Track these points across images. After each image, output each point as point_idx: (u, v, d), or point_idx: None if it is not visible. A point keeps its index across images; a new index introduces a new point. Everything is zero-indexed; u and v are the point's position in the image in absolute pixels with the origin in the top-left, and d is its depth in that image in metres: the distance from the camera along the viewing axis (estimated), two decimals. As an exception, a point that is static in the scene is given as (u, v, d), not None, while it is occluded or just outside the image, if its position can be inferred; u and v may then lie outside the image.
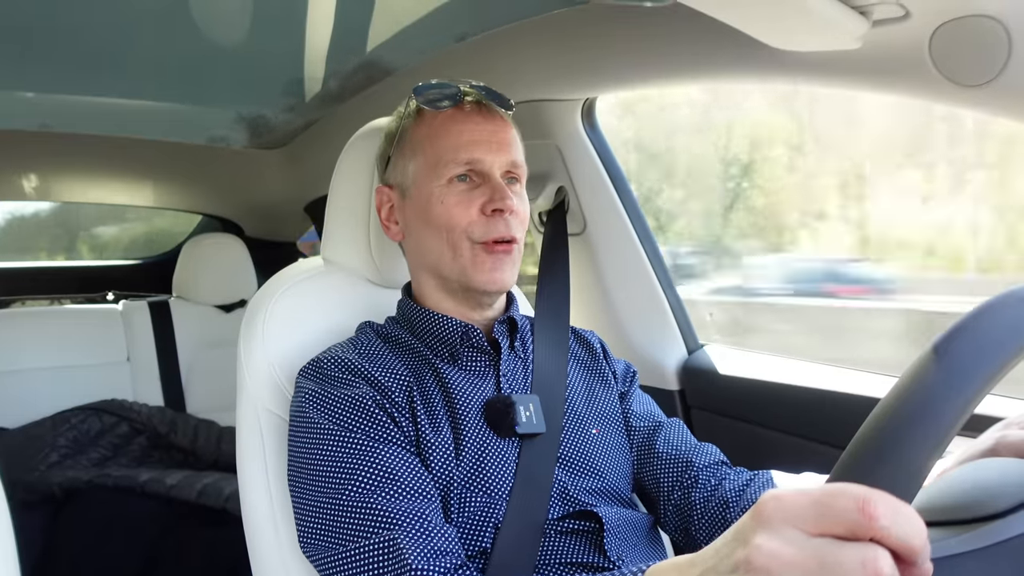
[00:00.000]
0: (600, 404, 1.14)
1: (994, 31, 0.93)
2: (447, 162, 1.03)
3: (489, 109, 1.08)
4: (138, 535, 1.94)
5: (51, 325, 2.51)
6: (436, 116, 1.06)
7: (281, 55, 2.07)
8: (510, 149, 1.06)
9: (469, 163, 1.03)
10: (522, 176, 1.10)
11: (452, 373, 1.02)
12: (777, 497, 0.47)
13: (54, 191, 2.91)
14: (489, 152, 1.04)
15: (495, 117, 1.07)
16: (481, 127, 1.05)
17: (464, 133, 1.04)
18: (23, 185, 2.85)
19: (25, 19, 1.73)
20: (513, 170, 1.07)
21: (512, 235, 1.03)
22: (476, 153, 1.03)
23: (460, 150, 1.03)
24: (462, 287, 1.05)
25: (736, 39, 1.10)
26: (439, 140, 1.05)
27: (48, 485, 2.02)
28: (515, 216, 1.04)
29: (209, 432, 2.39)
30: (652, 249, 1.79)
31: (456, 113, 1.06)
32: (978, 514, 0.59)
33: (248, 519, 1.09)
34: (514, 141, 1.08)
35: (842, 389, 1.41)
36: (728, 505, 1.04)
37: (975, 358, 0.53)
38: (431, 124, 1.06)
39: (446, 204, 1.03)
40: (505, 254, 1.03)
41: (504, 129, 1.07)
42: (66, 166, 2.79)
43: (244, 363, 1.10)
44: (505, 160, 1.05)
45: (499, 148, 1.05)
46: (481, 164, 1.04)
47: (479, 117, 1.06)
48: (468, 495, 0.94)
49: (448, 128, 1.05)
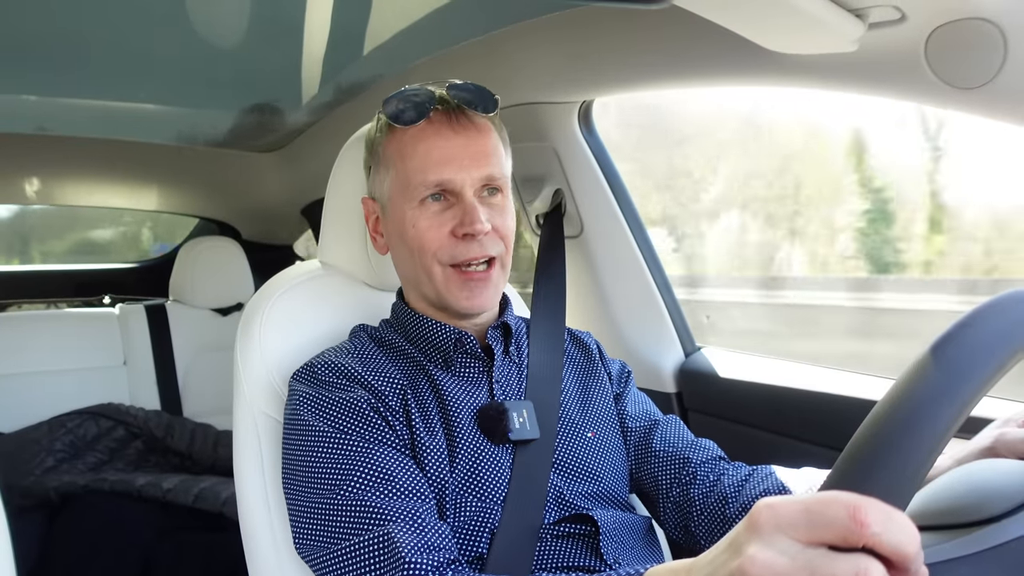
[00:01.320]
0: (595, 407, 1.14)
1: (990, 34, 0.93)
2: (416, 184, 1.00)
3: (462, 119, 1.01)
4: (134, 539, 1.94)
5: (47, 329, 2.51)
6: (406, 131, 1.01)
7: (278, 58, 2.07)
8: (486, 162, 1.01)
9: (439, 184, 0.99)
10: (504, 185, 1.04)
11: (445, 379, 1.02)
12: (770, 505, 0.47)
13: (51, 194, 2.91)
14: (460, 170, 0.99)
15: (468, 128, 1.01)
16: (451, 142, 1.00)
17: (433, 151, 0.99)
18: (20, 188, 2.85)
19: (23, 22, 1.73)
20: (490, 183, 1.02)
21: (486, 254, 1.00)
22: (446, 173, 0.99)
23: (428, 171, 0.99)
24: (442, 307, 1.04)
25: (733, 42, 1.10)
26: (407, 160, 1.01)
27: (44, 490, 2.01)
28: (492, 235, 1.01)
29: (206, 436, 2.39)
30: (649, 252, 1.79)
31: (425, 128, 1.00)
32: (973, 518, 0.59)
33: (245, 523, 1.09)
34: (492, 152, 1.02)
35: (840, 392, 1.41)
36: (727, 501, 1.03)
37: (973, 359, 0.53)
38: (400, 140, 1.02)
39: (418, 228, 1.00)
40: (481, 280, 1.01)
41: (477, 140, 1.01)
42: (63, 169, 2.79)
43: (241, 367, 1.10)
44: (479, 176, 1.00)
45: (471, 163, 0.99)
46: (452, 184, 0.99)
47: (449, 131, 1.00)
48: (463, 499, 0.94)
49: (415, 147, 1.00)
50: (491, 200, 1.02)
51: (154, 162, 2.79)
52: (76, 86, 2.21)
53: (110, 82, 2.19)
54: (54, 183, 2.85)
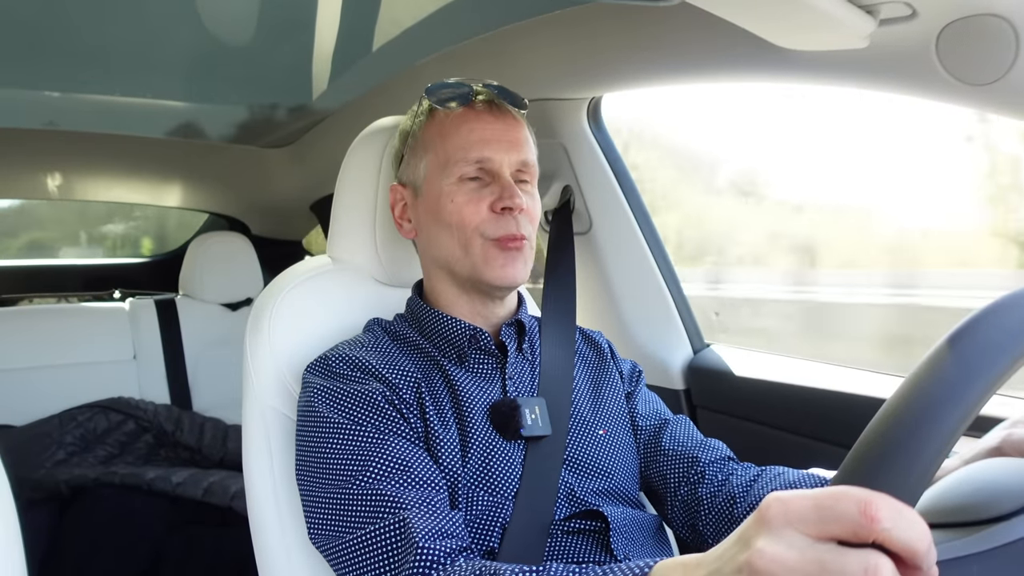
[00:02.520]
0: (607, 404, 1.14)
1: (1001, 30, 0.93)
2: (457, 161, 1.04)
3: (500, 108, 1.08)
4: (144, 533, 1.95)
5: (58, 323, 2.52)
6: (448, 115, 1.07)
7: (288, 53, 2.07)
8: (521, 148, 1.06)
9: (479, 161, 1.04)
10: (533, 176, 1.09)
11: (459, 374, 1.03)
12: (780, 500, 0.47)
13: (60, 189, 2.91)
14: (499, 151, 1.04)
15: (507, 116, 1.07)
16: (492, 126, 1.05)
17: (475, 132, 1.04)
18: (29, 183, 2.86)
19: (32, 17, 1.74)
20: (523, 169, 1.07)
21: (522, 233, 1.04)
22: (486, 152, 1.04)
23: (470, 149, 1.04)
24: (473, 283, 1.06)
25: (743, 39, 1.10)
26: (450, 139, 1.05)
27: (55, 483, 2.02)
28: (525, 214, 1.04)
29: (215, 430, 2.40)
30: (658, 248, 1.79)
31: (467, 112, 1.06)
32: (983, 516, 0.59)
33: (254, 517, 1.09)
34: (526, 140, 1.08)
35: (849, 389, 1.41)
36: (735, 501, 1.03)
37: (986, 354, 0.53)
38: (442, 123, 1.07)
39: (456, 202, 1.03)
40: (516, 251, 1.04)
41: (515, 128, 1.07)
42: (73, 164, 2.80)
43: (250, 361, 1.10)
44: (515, 159, 1.05)
45: (509, 147, 1.05)
46: (491, 163, 1.04)
47: (490, 116, 1.06)
48: (475, 494, 0.95)
49: (459, 127, 1.05)
50: (522, 187, 1.06)
51: (164, 158, 2.80)
52: (86, 81, 2.22)
53: (120, 78, 2.19)
54: (63, 178, 2.86)
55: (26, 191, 2.97)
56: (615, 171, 1.75)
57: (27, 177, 2.82)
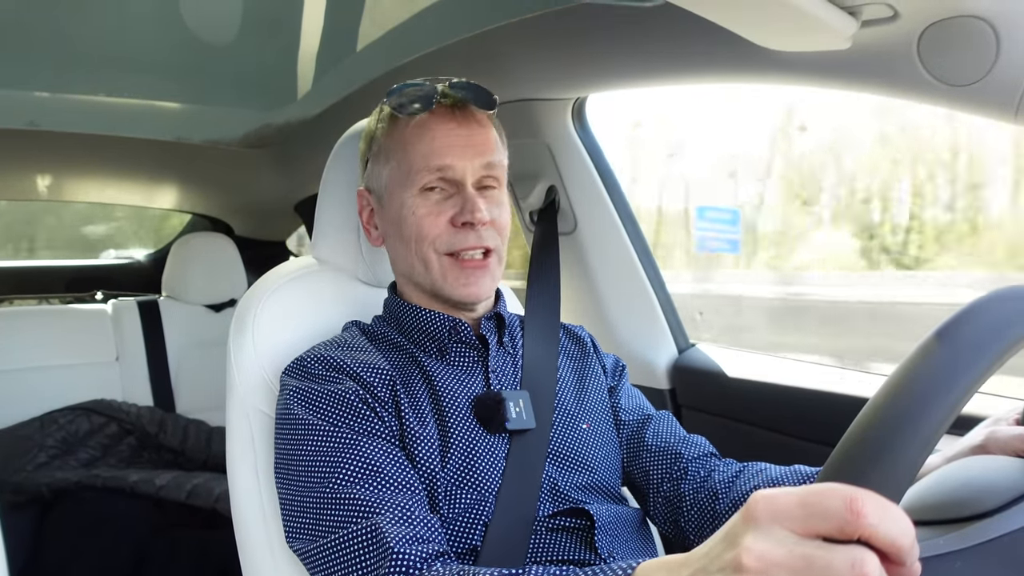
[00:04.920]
0: (590, 399, 1.14)
1: (982, 31, 0.93)
2: (418, 170, 1.01)
3: (464, 112, 1.03)
4: (127, 536, 1.93)
5: (39, 325, 2.50)
6: (409, 121, 1.02)
7: (272, 53, 2.06)
8: (485, 152, 1.02)
9: (440, 170, 1.00)
10: (501, 179, 1.06)
11: (439, 369, 1.02)
12: (766, 497, 0.47)
13: (41, 189, 2.89)
14: (462, 157, 1.00)
15: (470, 120, 1.03)
16: (454, 132, 1.01)
17: (436, 139, 1.01)
18: (7, 184, 2.83)
19: (12, 16, 1.73)
20: (489, 173, 1.03)
21: (483, 245, 1.01)
22: (447, 159, 1.00)
23: (431, 157, 1.00)
24: (438, 297, 1.04)
25: (726, 40, 1.10)
26: (410, 147, 1.02)
27: (36, 486, 2.01)
28: (490, 227, 1.02)
29: (199, 432, 2.39)
30: (642, 248, 1.79)
31: (429, 118, 1.02)
32: (967, 513, 0.59)
33: (238, 519, 1.09)
34: (491, 143, 1.04)
35: (834, 389, 1.42)
36: (717, 496, 1.04)
37: (974, 347, 0.53)
38: (403, 130, 1.03)
39: (417, 215, 1.01)
40: (479, 268, 1.02)
41: (479, 132, 1.03)
42: (54, 164, 2.78)
43: (234, 363, 1.10)
44: (479, 164, 1.01)
45: (472, 152, 1.01)
46: (452, 171, 1.00)
47: (452, 122, 1.02)
48: (457, 491, 0.94)
49: (419, 134, 1.02)
50: (488, 194, 1.03)
51: (147, 158, 2.78)
52: (67, 81, 2.20)
53: (101, 77, 2.18)
54: (44, 178, 2.84)
55: (7, 192, 2.94)
56: (600, 171, 1.75)
57: (8, 178, 2.80)
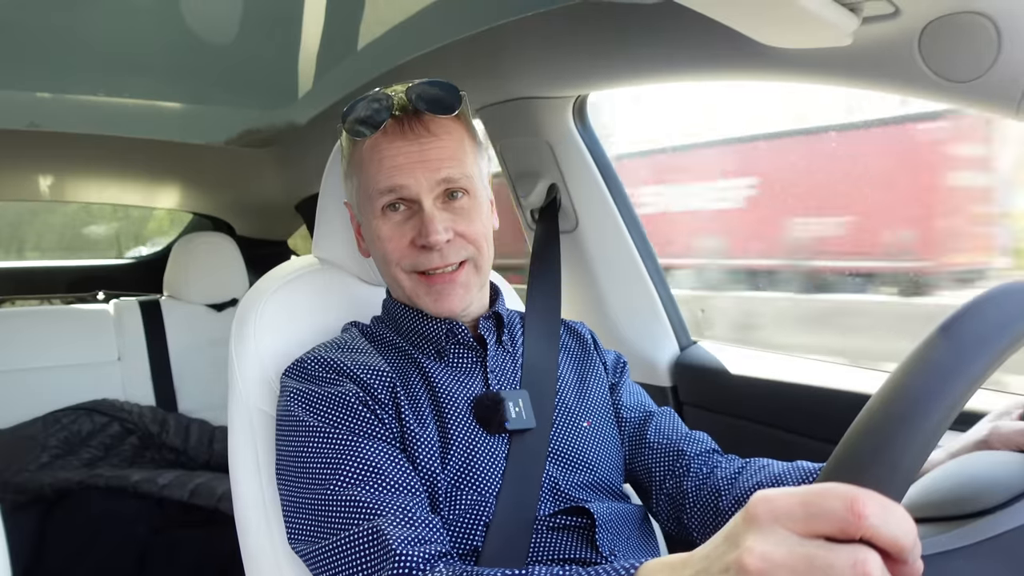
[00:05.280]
0: (591, 396, 1.14)
1: (983, 27, 0.93)
2: (374, 194, 1.00)
3: (416, 126, 0.99)
4: (130, 535, 1.94)
5: (41, 325, 2.50)
6: (363, 141, 1.02)
7: (273, 53, 2.06)
8: (440, 165, 0.98)
9: (392, 190, 0.98)
10: (469, 186, 1.02)
11: (438, 370, 1.02)
12: (767, 498, 0.47)
13: (43, 190, 2.89)
14: (413, 175, 0.98)
15: (422, 135, 0.99)
16: (404, 150, 0.98)
17: (386, 160, 0.99)
18: (9, 184, 2.83)
19: (12, 17, 1.73)
20: (450, 185, 1.00)
21: (447, 263, 1.00)
22: (398, 179, 0.98)
23: (382, 179, 0.99)
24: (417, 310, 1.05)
25: (728, 37, 1.10)
26: (365, 169, 1.01)
27: (39, 486, 2.01)
28: (457, 242, 1.00)
29: (201, 432, 2.39)
30: (644, 246, 1.79)
31: (380, 138, 1.00)
32: (969, 510, 0.59)
33: (240, 518, 1.09)
34: (450, 155, 1.00)
35: (835, 386, 1.42)
36: (720, 493, 1.03)
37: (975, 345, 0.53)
38: (360, 150, 1.03)
39: (381, 237, 1.01)
40: (447, 282, 1.01)
41: (433, 145, 0.99)
42: (55, 165, 2.78)
43: (236, 362, 1.10)
44: (435, 179, 0.98)
45: (424, 168, 0.98)
46: (407, 190, 0.98)
47: (401, 140, 0.99)
48: (457, 492, 0.94)
49: (371, 156, 1.00)
50: (454, 204, 1.01)
51: (148, 158, 2.78)
52: (68, 82, 2.21)
53: (102, 78, 2.18)
54: (46, 179, 2.84)
55: (8, 192, 2.95)
56: (601, 169, 1.75)
57: (7, 179, 2.80)
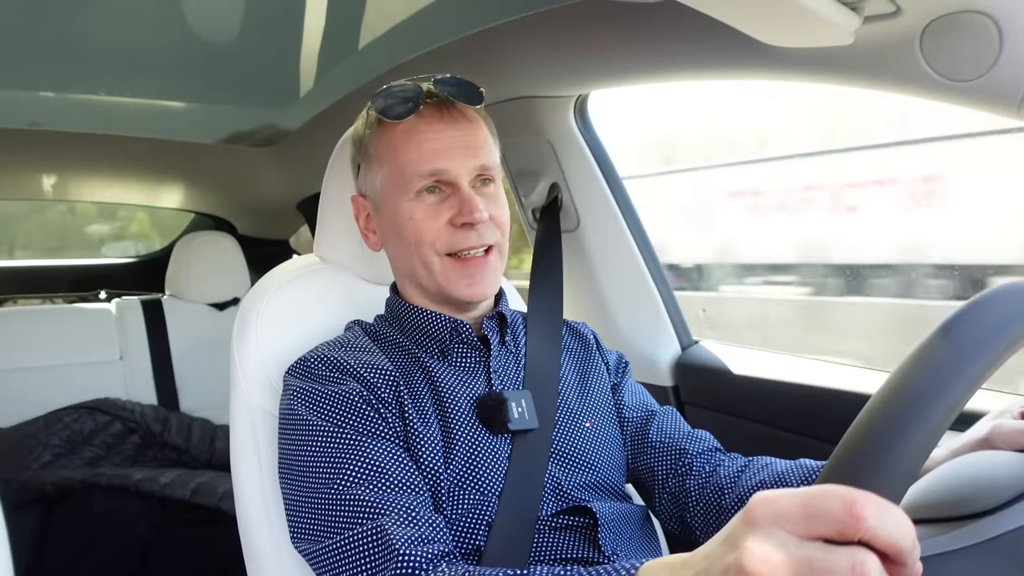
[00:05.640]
0: (593, 396, 1.14)
1: (985, 26, 0.93)
2: (411, 176, 1.00)
3: (452, 111, 1.02)
4: (132, 534, 1.94)
5: (44, 324, 2.50)
6: (396, 126, 1.02)
7: (275, 53, 2.06)
8: (478, 152, 1.02)
9: (434, 174, 1.00)
10: (496, 176, 1.05)
11: (441, 370, 1.02)
12: (767, 500, 0.47)
13: (44, 189, 2.90)
14: (454, 160, 1.00)
15: (459, 120, 1.02)
16: (444, 134, 1.00)
17: (425, 143, 1.00)
18: (10, 183, 2.84)
19: (15, 17, 1.73)
20: (484, 173, 1.03)
21: (483, 243, 1.01)
22: (440, 163, 0.99)
23: (423, 162, 0.99)
24: (443, 297, 1.04)
25: (729, 36, 1.10)
26: (401, 153, 1.01)
27: (41, 484, 2.01)
28: (489, 224, 1.02)
29: (203, 430, 2.39)
30: (645, 245, 1.79)
31: (417, 121, 1.01)
32: (969, 510, 0.59)
33: (242, 517, 1.09)
34: (483, 142, 1.03)
35: (836, 385, 1.42)
36: (723, 492, 1.03)
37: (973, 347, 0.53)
38: (392, 135, 1.03)
39: (415, 219, 1.01)
40: (480, 265, 1.02)
41: (470, 131, 1.02)
42: (57, 164, 2.78)
43: (237, 361, 1.10)
44: (473, 165, 1.01)
45: (465, 153, 1.00)
46: (447, 174, 1.00)
47: (441, 124, 1.01)
48: (460, 492, 0.94)
49: (409, 139, 1.01)
50: (484, 190, 1.03)
51: (149, 158, 2.78)
52: (69, 81, 2.20)
53: (104, 76, 2.18)
54: (47, 178, 2.84)
55: (10, 191, 2.95)
56: (602, 168, 1.75)
57: (8, 178, 2.80)
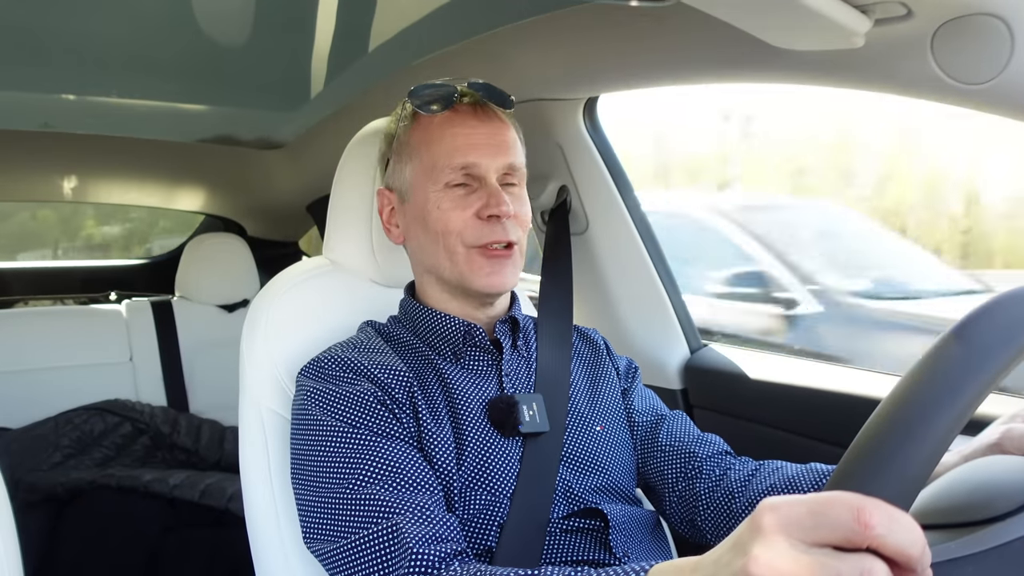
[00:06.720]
0: (603, 401, 1.14)
1: (996, 29, 0.93)
2: (443, 167, 1.02)
3: (486, 110, 1.06)
4: (141, 535, 1.94)
5: (54, 325, 2.51)
6: (432, 119, 1.05)
7: (285, 54, 2.07)
8: (508, 151, 1.05)
9: (465, 167, 1.02)
10: (521, 179, 1.08)
11: (454, 372, 1.02)
12: (774, 506, 0.47)
13: (56, 191, 2.91)
14: (485, 156, 1.03)
15: (492, 119, 1.06)
16: (477, 130, 1.04)
17: (459, 137, 1.03)
18: (23, 185, 2.85)
19: (26, 18, 1.73)
20: (510, 172, 1.05)
21: (508, 238, 1.03)
22: (471, 157, 1.02)
23: (455, 155, 1.02)
24: (463, 290, 1.05)
25: (738, 39, 1.10)
26: (434, 145, 1.04)
27: (51, 485, 2.02)
28: (513, 220, 1.03)
29: (212, 432, 2.39)
30: (654, 248, 1.79)
31: (452, 116, 1.04)
32: (979, 516, 0.59)
33: (251, 519, 1.09)
34: (512, 143, 1.07)
35: (847, 389, 1.41)
36: (734, 495, 1.03)
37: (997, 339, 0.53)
38: (427, 128, 1.05)
39: (443, 209, 1.02)
40: (503, 258, 1.03)
41: (501, 131, 1.06)
42: (68, 166, 2.79)
43: (247, 363, 1.10)
44: (502, 163, 1.04)
45: (496, 151, 1.03)
46: (477, 168, 1.02)
47: (475, 120, 1.04)
48: (471, 493, 0.95)
49: (443, 132, 1.04)
50: (510, 190, 1.05)
51: (160, 159, 2.79)
52: (80, 83, 2.21)
53: (115, 78, 2.18)
54: (59, 180, 2.86)
55: (19, 193, 2.97)
56: (611, 171, 1.75)
57: (20, 179, 2.82)
